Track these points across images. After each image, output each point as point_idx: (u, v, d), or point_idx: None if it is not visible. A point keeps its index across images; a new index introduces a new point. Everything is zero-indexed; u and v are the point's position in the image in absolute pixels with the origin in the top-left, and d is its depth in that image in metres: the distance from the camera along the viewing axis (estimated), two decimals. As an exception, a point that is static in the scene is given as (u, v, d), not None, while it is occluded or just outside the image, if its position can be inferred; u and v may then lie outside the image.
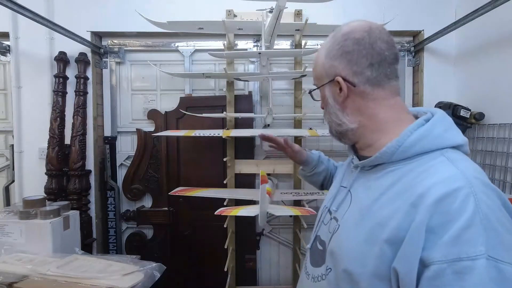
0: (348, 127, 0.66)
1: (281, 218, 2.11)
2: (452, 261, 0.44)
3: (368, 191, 0.60)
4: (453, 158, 0.54)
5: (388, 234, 0.51)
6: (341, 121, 0.66)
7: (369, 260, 0.52)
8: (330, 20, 1.85)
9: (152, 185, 2.09)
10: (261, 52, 1.53)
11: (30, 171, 1.96)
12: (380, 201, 0.56)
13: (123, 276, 1.25)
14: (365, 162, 0.63)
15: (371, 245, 0.53)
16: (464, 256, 0.43)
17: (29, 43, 1.93)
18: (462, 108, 1.67)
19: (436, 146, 0.56)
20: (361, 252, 0.54)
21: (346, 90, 0.63)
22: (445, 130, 0.58)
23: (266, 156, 2.10)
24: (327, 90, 0.67)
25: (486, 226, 0.45)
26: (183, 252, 2.08)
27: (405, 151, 0.57)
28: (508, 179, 1.51)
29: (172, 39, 2.05)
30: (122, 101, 2.13)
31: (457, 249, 0.44)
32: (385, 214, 0.53)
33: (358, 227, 0.57)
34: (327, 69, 0.65)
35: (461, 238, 0.44)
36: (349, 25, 0.64)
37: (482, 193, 0.47)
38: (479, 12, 1.46)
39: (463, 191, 0.47)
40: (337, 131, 0.69)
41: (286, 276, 2.14)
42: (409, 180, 0.54)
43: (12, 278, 1.21)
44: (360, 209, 0.60)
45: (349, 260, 0.56)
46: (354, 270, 0.55)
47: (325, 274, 0.63)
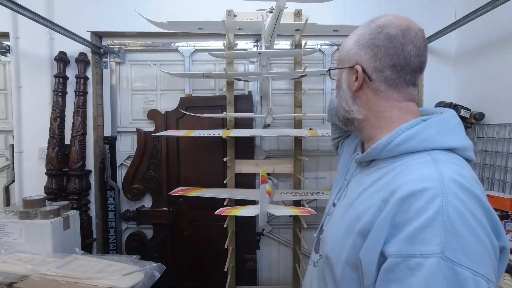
0: (355, 116, 0.66)
1: (281, 218, 2.11)
2: (406, 257, 0.45)
3: (358, 186, 0.63)
4: (438, 159, 0.53)
5: (361, 227, 0.53)
6: (349, 109, 0.66)
7: (344, 249, 0.56)
8: (330, 20, 1.85)
9: (152, 185, 2.09)
10: (261, 52, 1.53)
11: (30, 171, 1.96)
12: (362, 196, 0.58)
13: (123, 276, 1.25)
14: (359, 158, 0.66)
15: (348, 236, 0.56)
16: (417, 253, 0.45)
17: (29, 43, 1.93)
18: (462, 108, 1.67)
19: (424, 147, 0.56)
20: (340, 241, 0.58)
21: (361, 81, 0.63)
22: (440, 132, 0.57)
23: (266, 156, 2.10)
24: (344, 75, 0.67)
25: (448, 228, 0.45)
26: (183, 252, 2.08)
27: (392, 149, 0.57)
28: (508, 179, 1.51)
29: (172, 39, 2.05)
30: (122, 101, 2.13)
31: (411, 246, 0.45)
32: (362, 208, 0.56)
33: (342, 219, 0.61)
34: (351, 54, 0.64)
35: (417, 236, 0.45)
36: (388, 18, 0.62)
37: (453, 196, 0.47)
38: (479, 12, 1.46)
39: (431, 191, 0.47)
40: (344, 116, 0.69)
41: (286, 276, 2.14)
42: (389, 178, 0.55)
43: (12, 278, 1.21)
44: (347, 202, 0.63)
45: (330, 248, 0.61)
46: (333, 258, 0.59)
47: (318, 261, 0.68)
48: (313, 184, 2.12)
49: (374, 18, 0.64)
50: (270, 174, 1.99)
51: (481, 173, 1.66)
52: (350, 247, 0.54)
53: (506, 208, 1.36)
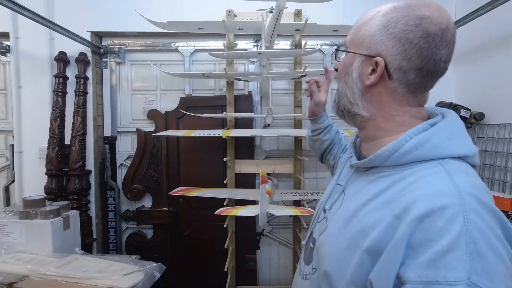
0: (359, 112, 0.59)
1: (281, 218, 2.11)
2: (428, 283, 0.41)
3: (358, 194, 0.57)
4: (452, 169, 0.49)
5: (369, 244, 0.49)
6: (354, 102, 0.59)
7: (348, 266, 0.51)
8: (330, 20, 1.84)
9: (152, 185, 2.09)
10: (261, 52, 1.53)
11: (30, 171, 1.96)
12: (367, 207, 0.53)
13: (123, 276, 1.25)
14: (359, 163, 0.60)
15: (352, 251, 0.51)
16: (441, 279, 0.41)
17: (29, 43, 1.93)
18: (462, 108, 1.67)
19: (435, 155, 0.51)
20: (342, 257, 0.53)
21: (379, 77, 0.55)
22: (449, 138, 0.52)
23: (266, 156, 2.10)
24: (357, 62, 0.58)
25: (472, 250, 0.41)
26: (183, 252, 2.08)
27: (400, 157, 0.52)
28: (508, 179, 1.51)
29: (172, 39, 2.05)
30: (122, 101, 2.13)
31: (434, 271, 0.41)
32: (369, 222, 0.51)
33: (342, 231, 0.55)
34: (373, 41, 0.55)
35: (440, 261, 0.41)
36: (430, 7, 0.52)
37: (474, 213, 0.44)
38: (479, 12, 1.46)
39: (452, 209, 0.44)
40: (345, 107, 0.61)
41: (286, 276, 2.14)
42: (398, 190, 0.50)
43: (12, 278, 1.21)
44: (347, 212, 0.57)
45: (331, 263, 0.55)
46: (334, 274, 0.53)
47: (311, 274, 0.62)
48: (313, 184, 2.12)
49: (414, 4, 0.53)
50: (270, 174, 1.99)
51: (481, 173, 1.66)
52: (357, 265, 0.50)
53: (506, 208, 1.36)
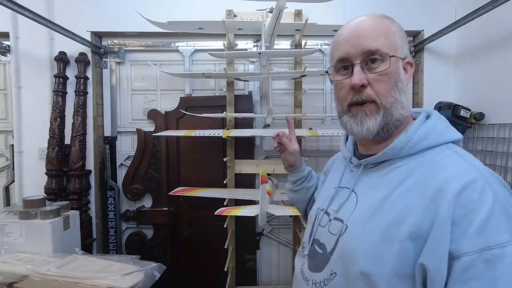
0: (407, 114, 0.62)
1: (281, 218, 2.11)
2: (482, 251, 0.44)
3: (376, 189, 0.59)
4: (459, 151, 0.56)
5: (408, 231, 0.49)
6: (405, 105, 0.60)
7: (388, 258, 0.50)
8: (330, 20, 1.85)
9: (152, 185, 2.09)
10: (261, 52, 1.53)
11: (30, 171, 1.96)
12: (391, 198, 0.55)
13: (123, 276, 1.25)
14: (369, 160, 0.62)
15: (388, 243, 0.51)
16: (492, 244, 0.44)
17: (29, 43, 1.93)
18: (462, 108, 1.67)
19: (442, 140, 0.57)
20: (377, 251, 0.52)
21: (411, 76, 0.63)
22: (446, 126, 0.60)
23: (266, 156, 2.10)
24: (400, 65, 0.61)
25: (506, 214, 0.46)
26: (183, 252, 2.08)
27: (413, 146, 0.57)
28: (508, 179, 1.51)
29: (172, 39, 2.05)
30: (122, 101, 2.13)
31: (484, 239, 0.44)
32: (399, 211, 0.52)
33: (370, 226, 0.55)
34: (400, 45, 0.61)
35: (486, 228, 0.45)
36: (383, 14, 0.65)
37: (494, 184, 0.49)
38: (479, 12, 1.46)
39: (479, 182, 0.48)
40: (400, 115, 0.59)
41: (286, 276, 2.14)
42: (420, 175, 0.54)
43: (12, 278, 1.21)
44: (370, 208, 0.57)
45: (365, 261, 0.53)
46: (372, 271, 0.52)
47: (328, 279, 0.59)
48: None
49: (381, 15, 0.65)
50: (270, 174, 1.99)
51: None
52: (397, 255, 0.50)
53: (506, 208, 1.37)
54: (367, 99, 0.58)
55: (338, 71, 0.63)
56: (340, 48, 0.62)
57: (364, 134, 0.59)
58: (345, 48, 0.60)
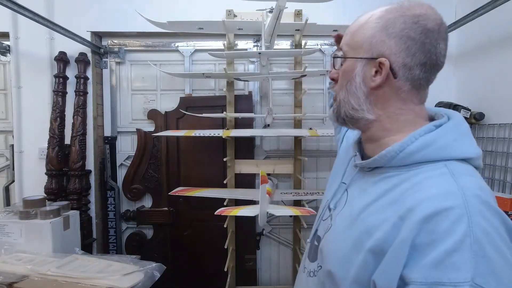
0: (364, 116, 0.58)
1: (281, 218, 2.11)
2: (433, 284, 0.41)
3: (363, 194, 0.58)
4: (456, 171, 0.49)
5: (372, 244, 0.49)
6: (359, 107, 0.57)
7: (352, 266, 0.51)
8: (330, 20, 1.84)
9: (152, 185, 2.09)
10: (261, 52, 1.53)
11: (30, 171, 1.96)
12: (371, 208, 0.53)
13: (123, 276, 1.25)
14: (363, 164, 0.60)
15: (356, 252, 0.51)
16: (446, 281, 0.41)
17: (29, 43, 1.93)
18: (462, 108, 1.67)
19: (441, 156, 0.51)
20: (346, 257, 0.53)
21: (384, 78, 0.54)
22: (455, 139, 0.53)
23: (266, 156, 2.10)
24: (360, 66, 0.56)
25: (476, 251, 0.41)
26: (183, 252, 2.08)
27: (405, 157, 0.52)
28: (508, 179, 1.51)
29: (172, 39, 2.05)
30: (122, 101, 2.13)
31: (439, 272, 0.42)
32: (372, 223, 0.51)
33: (347, 231, 0.56)
34: (374, 43, 0.54)
35: (445, 262, 0.42)
36: (423, 7, 0.54)
37: (478, 215, 0.44)
38: (479, 12, 1.46)
39: (456, 210, 0.44)
40: (349, 114, 0.59)
41: (286, 276, 2.14)
42: (402, 190, 0.51)
43: (12, 278, 1.21)
44: (352, 212, 0.57)
45: (335, 262, 0.55)
46: (337, 274, 0.54)
47: (316, 271, 0.62)
48: (313, 184, 2.12)
49: (407, 5, 0.55)
50: (270, 174, 1.99)
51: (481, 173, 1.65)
52: (360, 265, 0.50)
53: (506, 208, 1.36)
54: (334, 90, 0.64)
55: None
56: None
57: (330, 115, 0.66)
58: None
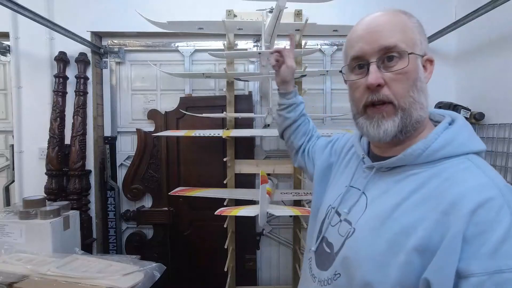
0: (426, 115, 0.58)
1: (281, 218, 2.11)
2: (493, 273, 0.42)
3: (387, 195, 0.56)
4: (480, 164, 0.52)
5: (417, 243, 0.48)
6: (426, 105, 0.57)
7: (393, 269, 0.49)
8: (330, 20, 1.84)
9: (152, 185, 2.09)
10: (261, 52, 1.53)
11: (30, 171, 1.96)
12: (403, 207, 0.52)
13: (123, 276, 1.25)
14: (383, 164, 0.59)
15: (395, 253, 0.49)
16: (504, 268, 0.42)
17: (29, 43, 1.93)
18: (462, 108, 1.67)
19: (462, 151, 0.54)
20: (383, 260, 0.51)
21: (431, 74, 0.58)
22: (470, 135, 0.56)
23: (266, 156, 2.10)
24: (419, 63, 0.57)
25: None
26: (183, 252, 2.08)
27: (431, 154, 0.54)
28: (508, 179, 1.51)
29: (172, 39, 2.05)
30: (122, 101, 2.13)
31: (497, 261, 0.42)
32: (410, 221, 0.50)
33: (378, 234, 0.53)
34: (421, 41, 0.58)
35: (500, 250, 0.43)
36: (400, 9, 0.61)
37: None
38: (479, 12, 1.46)
39: (497, 200, 0.45)
40: (418, 118, 0.56)
41: (286, 276, 2.14)
42: (435, 186, 0.51)
43: (12, 278, 1.21)
44: (379, 214, 0.55)
45: (369, 269, 0.52)
46: (375, 280, 0.51)
47: (332, 279, 0.59)
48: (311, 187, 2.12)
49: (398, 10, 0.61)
50: (270, 174, 1.99)
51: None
52: (403, 267, 0.48)
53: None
54: (384, 100, 0.55)
55: (352, 70, 0.60)
56: (354, 46, 0.59)
57: (381, 137, 0.56)
58: (360, 45, 0.57)
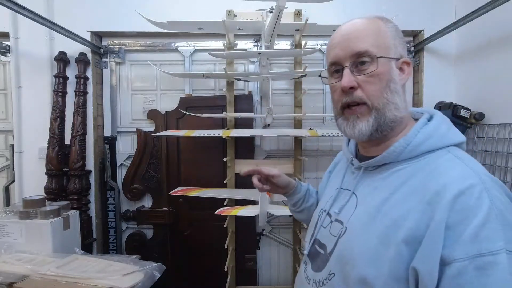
0: (403, 115, 0.60)
1: (281, 218, 2.11)
2: (474, 257, 0.44)
3: (376, 191, 0.59)
4: (460, 155, 0.55)
5: (405, 234, 0.50)
6: (401, 105, 0.60)
7: (385, 262, 0.51)
8: (330, 20, 1.85)
9: (152, 185, 2.09)
10: (261, 52, 1.52)
11: (30, 171, 1.96)
12: (391, 201, 0.55)
13: (123, 276, 1.25)
14: (369, 163, 0.62)
15: (386, 246, 0.52)
16: (485, 251, 0.44)
17: (29, 43, 1.93)
18: (462, 108, 1.67)
19: (442, 144, 0.57)
20: (375, 254, 0.53)
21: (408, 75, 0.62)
22: (448, 128, 0.59)
23: (266, 156, 2.10)
24: (394, 66, 0.60)
25: (502, 221, 0.46)
26: (183, 252, 2.08)
27: (413, 150, 0.57)
28: (508, 179, 1.51)
29: (172, 39, 2.05)
30: (122, 101, 2.13)
31: (477, 245, 0.44)
32: (398, 214, 0.52)
33: (369, 229, 0.56)
34: (396, 45, 0.61)
35: (480, 235, 0.45)
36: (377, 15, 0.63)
37: (494, 190, 0.49)
38: (479, 12, 1.46)
39: (477, 187, 0.48)
40: (393, 117, 0.59)
41: (286, 276, 2.14)
42: (420, 179, 0.54)
43: (12, 278, 1.21)
44: (369, 210, 0.58)
45: (363, 264, 0.54)
46: (369, 274, 0.53)
47: (327, 279, 0.61)
48: (313, 184, 2.09)
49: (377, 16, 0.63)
50: (270, 174, 1.99)
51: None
52: (394, 259, 0.50)
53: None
54: (358, 101, 0.59)
55: (332, 74, 0.65)
56: (331, 52, 0.64)
57: (356, 136, 0.60)
58: (336, 51, 0.62)
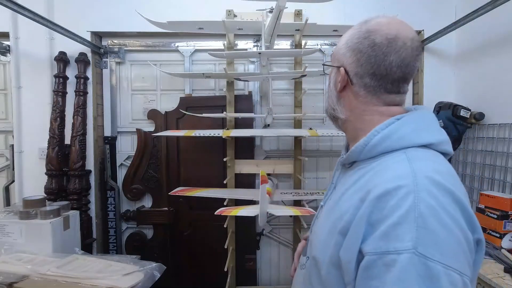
0: (338, 115, 0.67)
1: (281, 218, 2.11)
2: (381, 254, 0.47)
3: (342, 187, 0.64)
4: (413, 156, 0.54)
5: (341, 225, 0.55)
6: (334, 107, 0.68)
7: (328, 249, 0.57)
8: (330, 20, 1.85)
9: (152, 185, 2.09)
10: (261, 52, 1.53)
11: (30, 171, 1.96)
12: (344, 196, 0.60)
13: (123, 276, 1.25)
14: (341, 160, 0.69)
15: (331, 236, 0.57)
16: (391, 249, 0.46)
17: (29, 43, 1.93)
18: (462, 108, 1.67)
19: (400, 145, 0.57)
20: (325, 242, 0.59)
21: (344, 84, 0.64)
22: (414, 129, 0.58)
23: (266, 156, 2.10)
24: (333, 73, 0.68)
25: (420, 224, 0.46)
26: (183, 252, 2.08)
27: (370, 150, 0.59)
28: (508, 179, 1.51)
29: (172, 39, 2.05)
30: (122, 101, 2.13)
31: (386, 243, 0.47)
32: (344, 208, 0.57)
33: (327, 219, 0.62)
34: (340, 54, 0.65)
35: (391, 234, 0.47)
36: (380, 21, 0.60)
37: (425, 192, 0.48)
38: (479, 12, 1.46)
39: (404, 189, 0.49)
40: (330, 113, 0.70)
41: (286, 276, 2.14)
42: (367, 178, 0.57)
43: (12, 278, 1.21)
44: (332, 203, 0.64)
45: (318, 248, 0.62)
46: (319, 258, 0.60)
47: (305, 263, 0.69)
48: (313, 184, 2.12)
49: (369, 19, 0.62)
50: (270, 174, 1.99)
51: (481, 173, 1.66)
52: (333, 247, 0.56)
53: (506, 208, 1.36)
54: None
55: None
56: None
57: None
58: None
